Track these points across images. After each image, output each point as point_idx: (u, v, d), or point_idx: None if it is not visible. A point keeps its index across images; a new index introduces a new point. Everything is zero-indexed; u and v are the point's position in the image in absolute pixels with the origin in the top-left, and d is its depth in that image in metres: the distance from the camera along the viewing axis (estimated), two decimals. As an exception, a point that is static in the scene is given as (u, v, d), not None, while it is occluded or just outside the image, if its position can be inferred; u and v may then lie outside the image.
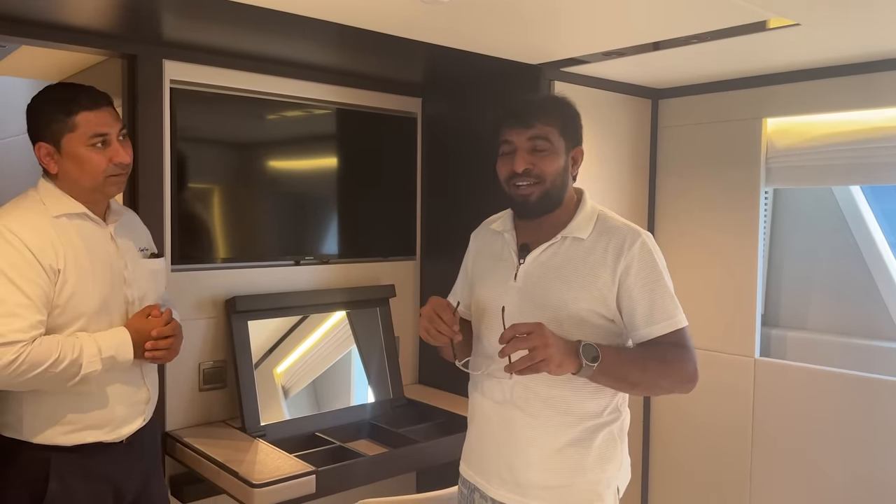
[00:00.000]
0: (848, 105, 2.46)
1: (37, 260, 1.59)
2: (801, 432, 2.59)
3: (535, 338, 1.35)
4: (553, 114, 1.58)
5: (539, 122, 1.55)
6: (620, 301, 1.53)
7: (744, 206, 2.71)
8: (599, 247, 1.55)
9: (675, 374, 1.53)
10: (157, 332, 1.74)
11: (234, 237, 2.52)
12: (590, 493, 1.55)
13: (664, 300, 1.53)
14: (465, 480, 1.72)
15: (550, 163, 1.55)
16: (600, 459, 1.56)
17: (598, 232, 1.57)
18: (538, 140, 1.54)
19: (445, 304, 1.54)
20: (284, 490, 1.93)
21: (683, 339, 1.54)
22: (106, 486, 1.75)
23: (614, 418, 1.59)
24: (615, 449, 1.59)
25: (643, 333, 1.53)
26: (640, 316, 1.52)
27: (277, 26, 2.00)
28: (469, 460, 1.71)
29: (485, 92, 2.68)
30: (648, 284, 1.52)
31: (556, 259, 1.57)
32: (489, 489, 1.62)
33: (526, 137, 1.55)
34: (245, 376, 2.35)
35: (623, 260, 1.52)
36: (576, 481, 1.54)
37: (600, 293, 1.52)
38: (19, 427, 1.68)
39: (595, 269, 1.53)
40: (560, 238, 1.58)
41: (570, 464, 1.54)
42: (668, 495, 3.00)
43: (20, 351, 1.54)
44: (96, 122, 1.67)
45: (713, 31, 2.03)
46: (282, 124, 2.62)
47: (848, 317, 2.73)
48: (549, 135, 1.55)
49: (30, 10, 1.89)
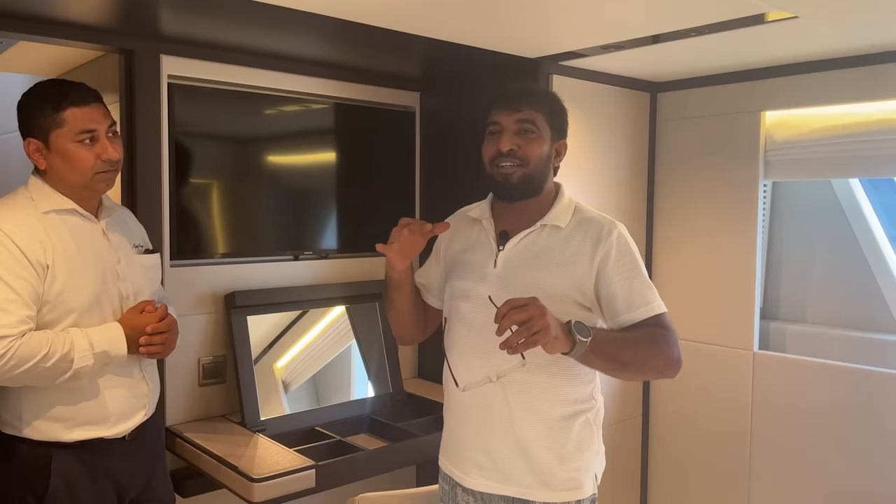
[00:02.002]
0: (847, 97, 2.45)
1: (24, 256, 1.59)
2: (800, 425, 2.59)
3: (532, 308, 1.35)
4: (542, 101, 1.61)
5: (528, 107, 1.57)
6: (599, 289, 1.55)
7: (742, 199, 2.71)
8: (577, 236, 1.58)
9: (663, 354, 1.52)
10: (151, 328, 1.74)
11: (232, 232, 2.52)
12: (570, 481, 1.57)
13: (642, 287, 1.56)
14: (444, 475, 1.72)
15: (535, 147, 1.57)
16: (578, 447, 1.58)
17: (576, 221, 1.60)
18: (526, 123, 1.57)
19: (418, 221, 1.56)
20: (284, 484, 1.93)
21: (666, 322, 1.55)
22: (109, 482, 1.75)
23: (590, 406, 1.61)
24: (592, 436, 1.62)
25: (624, 319, 1.54)
26: (620, 302, 1.54)
27: (275, 21, 1.99)
28: (446, 452, 1.71)
29: (483, 86, 2.66)
30: (627, 272, 1.55)
31: (535, 246, 1.59)
32: (466, 480, 1.62)
33: (514, 119, 1.57)
34: (244, 371, 2.36)
35: (601, 248, 1.55)
36: (556, 468, 1.56)
37: (579, 281, 1.55)
38: (19, 424, 1.68)
39: (573, 256, 1.56)
40: (539, 226, 1.60)
41: (550, 451, 1.56)
42: (667, 488, 3.01)
43: (9, 346, 1.54)
44: (84, 118, 1.67)
45: (712, 24, 2.02)
46: (280, 119, 2.62)
47: (847, 309, 2.73)
48: (537, 120, 1.58)
49: (27, 5, 1.88)
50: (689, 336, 2.87)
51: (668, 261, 2.96)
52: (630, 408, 2.98)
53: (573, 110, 2.62)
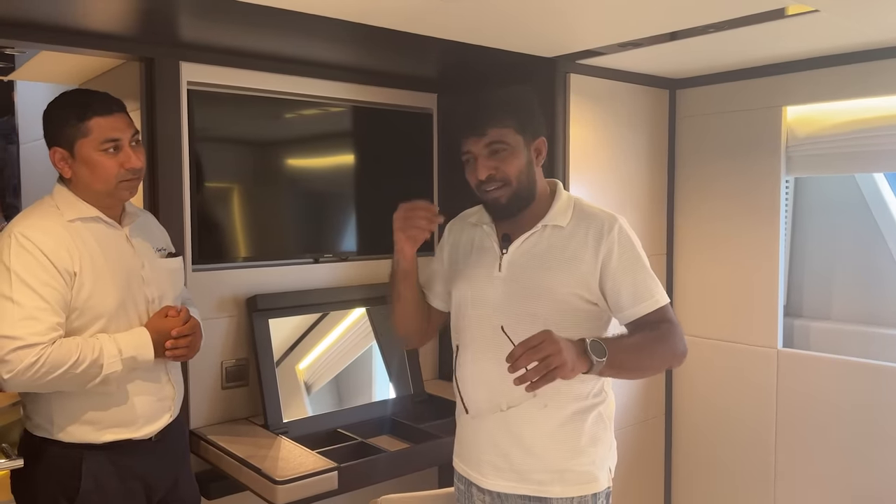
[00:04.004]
0: (869, 91, 2.42)
1: (52, 264, 1.62)
2: (825, 423, 2.56)
3: (548, 345, 1.34)
4: (505, 114, 1.57)
5: (492, 128, 1.55)
6: (604, 284, 1.56)
7: (765, 196, 2.68)
8: (580, 233, 1.58)
9: (671, 348, 1.55)
10: (176, 332, 1.77)
11: (253, 236, 2.54)
12: (585, 475, 1.59)
13: (646, 280, 1.57)
14: (460, 476, 1.73)
15: (511, 163, 1.56)
16: (592, 441, 1.60)
17: (577, 219, 1.61)
18: (494, 144, 1.55)
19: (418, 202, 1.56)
20: (307, 486, 1.94)
21: (669, 315, 1.58)
22: (137, 483, 1.78)
23: (601, 400, 1.62)
24: (605, 430, 1.63)
25: (630, 313, 1.56)
26: (626, 296, 1.56)
27: (293, 26, 2.00)
28: (461, 454, 1.72)
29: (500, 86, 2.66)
30: (630, 266, 1.57)
31: (538, 247, 1.60)
32: (482, 481, 1.63)
33: (482, 145, 1.56)
34: (267, 374, 2.37)
35: (604, 244, 1.56)
36: (571, 464, 1.58)
37: (584, 277, 1.56)
38: (49, 427, 1.71)
39: (577, 254, 1.57)
40: (541, 227, 1.61)
41: (565, 447, 1.58)
42: (691, 486, 2.98)
43: (40, 353, 1.57)
44: (109, 127, 1.69)
45: (731, 20, 2.00)
46: (298, 123, 2.64)
47: (872, 306, 2.69)
48: (505, 137, 1.56)
49: (48, 15, 1.91)
50: (711, 334, 2.84)
51: (690, 259, 2.93)
52: (652, 407, 2.96)
53: (591, 109, 2.65)
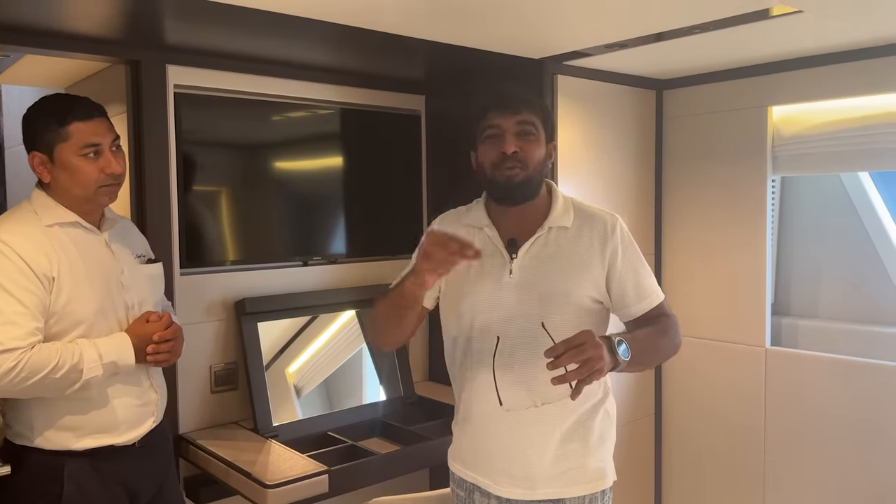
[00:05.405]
0: (854, 91, 2.44)
1: (30, 269, 1.60)
2: (813, 421, 2.58)
3: (590, 348, 1.34)
4: (536, 105, 1.61)
5: (525, 110, 1.57)
6: (610, 283, 1.60)
7: (751, 195, 2.70)
8: (584, 234, 1.60)
9: (673, 341, 1.62)
10: (158, 337, 1.76)
11: (241, 239, 2.53)
12: (596, 471, 1.60)
13: (647, 277, 1.63)
14: (461, 481, 1.68)
15: (535, 149, 1.57)
16: (602, 437, 1.62)
17: (580, 219, 1.62)
18: (525, 125, 1.56)
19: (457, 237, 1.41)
20: (298, 490, 1.94)
21: (667, 309, 1.65)
22: (121, 489, 1.77)
23: (605, 396, 1.65)
24: (612, 426, 1.66)
25: (634, 310, 1.61)
26: (631, 295, 1.60)
27: (279, 29, 2.00)
28: (465, 461, 1.67)
29: (488, 88, 2.67)
30: (633, 264, 1.62)
31: (547, 250, 1.59)
32: (495, 488, 1.60)
33: (514, 122, 1.56)
34: (256, 377, 2.36)
35: (609, 245, 1.59)
36: (583, 462, 1.59)
37: (594, 279, 1.58)
38: (30, 434, 1.69)
39: (586, 256, 1.58)
40: (546, 229, 1.60)
41: (578, 447, 1.58)
42: (681, 485, 3.00)
43: (19, 358, 1.56)
44: (89, 132, 1.68)
45: (716, 21, 2.02)
46: (286, 125, 2.63)
47: (859, 304, 2.71)
48: (535, 122, 1.58)
49: (33, 19, 1.90)
50: (700, 333, 2.86)
51: (678, 258, 2.95)
52: (643, 406, 2.97)
53: (578, 110, 2.66)
